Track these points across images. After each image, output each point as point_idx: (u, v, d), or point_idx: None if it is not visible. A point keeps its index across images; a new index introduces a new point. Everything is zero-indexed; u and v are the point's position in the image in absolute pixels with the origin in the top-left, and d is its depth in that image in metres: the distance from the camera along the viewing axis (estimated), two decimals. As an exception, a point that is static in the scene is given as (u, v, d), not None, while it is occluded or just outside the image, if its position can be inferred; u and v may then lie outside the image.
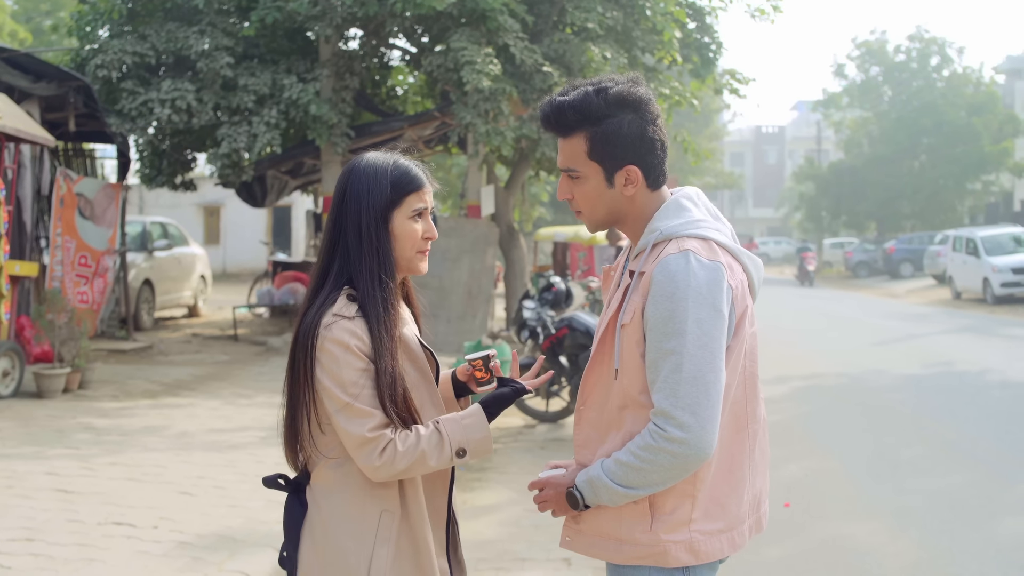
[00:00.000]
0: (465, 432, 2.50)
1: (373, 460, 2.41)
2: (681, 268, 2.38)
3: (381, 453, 2.41)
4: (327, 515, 2.51)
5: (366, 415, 2.41)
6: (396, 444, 2.41)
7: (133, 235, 17.39)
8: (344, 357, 2.41)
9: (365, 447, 2.41)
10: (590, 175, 2.53)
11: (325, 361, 2.43)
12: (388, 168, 2.57)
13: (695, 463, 2.36)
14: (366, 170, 2.56)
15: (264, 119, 13.60)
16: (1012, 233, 26.92)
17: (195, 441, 8.29)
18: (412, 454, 2.42)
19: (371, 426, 2.41)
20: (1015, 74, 52.05)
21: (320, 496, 2.53)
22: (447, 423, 2.50)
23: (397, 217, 2.55)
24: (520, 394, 2.66)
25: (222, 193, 27.38)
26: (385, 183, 2.54)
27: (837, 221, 52.01)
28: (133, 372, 12.09)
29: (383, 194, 2.53)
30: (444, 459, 2.47)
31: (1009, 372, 12.78)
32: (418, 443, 2.44)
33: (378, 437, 2.40)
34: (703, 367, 2.34)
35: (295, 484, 2.61)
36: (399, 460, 2.41)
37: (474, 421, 2.53)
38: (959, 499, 7.03)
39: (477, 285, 14.86)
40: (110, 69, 13.62)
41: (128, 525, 5.82)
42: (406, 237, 2.56)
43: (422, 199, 2.59)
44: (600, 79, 2.56)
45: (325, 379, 2.43)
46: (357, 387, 2.41)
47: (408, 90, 18.94)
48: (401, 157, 2.62)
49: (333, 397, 2.43)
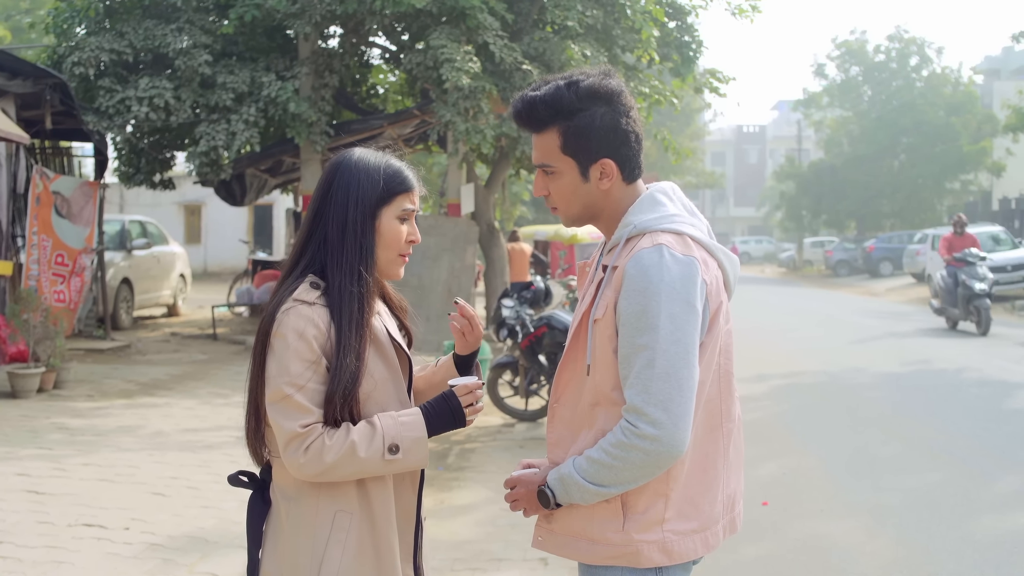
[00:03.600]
0: (400, 428, 2.39)
1: (298, 456, 2.30)
2: (654, 262, 2.34)
3: (307, 449, 2.30)
4: (284, 514, 2.45)
5: (302, 410, 2.32)
6: (324, 439, 2.31)
7: (112, 234, 17.26)
8: (296, 345, 2.32)
9: (292, 443, 2.32)
10: (565, 170, 2.50)
11: (276, 347, 2.35)
12: (382, 165, 2.52)
13: (667, 461, 2.32)
14: (358, 164, 2.50)
15: (243, 117, 13.53)
16: (991, 232, 27.04)
17: (169, 441, 8.21)
18: (340, 446, 2.31)
19: (304, 422, 2.32)
20: (993, 74, 52.49)
21: (279, 494, 2.47)
22: (383, 417, 2.40)
23: (385, 215, 2.50)
24: (461, 422, 2.51)
25: (203, 192, 27.22)
26: (378, 178, 2.49)
27: (817, 220, 52.19)
28: (109, 372, 11.99)
29: (375, 189, 2.47)
30: (375, 452, 2.34)
31: (986, 370, 12.81)
32: (347, 435, 2.33)
33: (307, 432, 2.31)
34: (676, 363, 2.31)
35: (260, 481, 2.55)
36: (326, 453, 2.30)
37: (412, 420, 2.42)
38: (937, 497, 7.03)
39: (457, 284, 14.81)
40: (87, 66, 13.53)
41: (99, 526, 5.75)
42: (391, 237, 2.51)
43: (411, 200, 2.54)
44: (571, 73, 2.54)
45: (272, 367, 2.35)
46: (302, 379, 2.32)
47: (388, 89, 18.88)
48: (393, 157, 2.58)
49: (273, 387, 2.34)
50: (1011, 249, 25.74)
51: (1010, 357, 13.84)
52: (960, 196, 45.87)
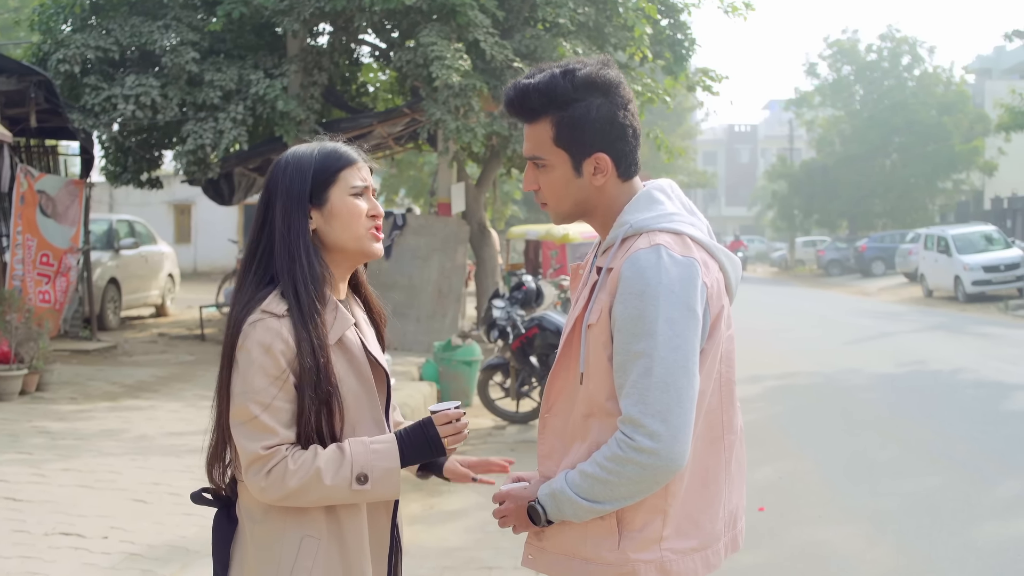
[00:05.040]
0: (371, 456, 2.23)
1: (259, 479, 2.16)
2: (652, 264, 2.20)
3: (268, 473, 2.16)
4: (249, 536, 2.30)
5: (266, 431, 2.17)
6: (288, 462, 2.16)
7: (99, 233, 17.05)
8: (261, 360, 2.18)
9: (254, 465, 2.17)
10: (556, 163, 2.36)
11: (241, 363, 2.20)
12: (312, 152, 2.38)
13: (666, 475, 2.19)
14: (289, 160, 2.38)
15: (231, 115, 13.35)
16: (983, 231, 27.00)
17: (153, 445, 8.02)
18: (305, 472, 2.16)
19: (268, 443, 2.17)
20: (984, 73, 52.55)
21: (244, 515, 2.32)
22: (354, 443, 2.24)
23: (335, 194, 2.35)
24: (439, 451, 2.35)
25: (192, 191, 26.97)
26: (308, 166, 2.35)
27: (809, 219, 52.16)
28: (94, 373, 11.79)
29: (304, 181, 2.34)
30: (342, 480, 2.18)
31: (983, 371, 12.70)
32: (314, 460, 2.18)
33: (270, 454, 2.17)
34: (675, 371, 2.17)
35: (225, 499, 2.40)
36: (289, 478, 2.15)
37: (384, 448, 2.26)
38: (936, 502, 6.89)
39: (447, 284, 14.65)
40: (72, 64, 13.33)
41: (76, 535, 5.57)
42: (349, 214, 2.35)
43: (359, 176, 2.38)
44: (568, 61, 2.39)
45: (236, 384, 2.21)
46: (267, 396, 2.18)
47: (378, 87, 18.70)
48: (328, 141, 2.43)
49: (237, 405, 2.20)
50: (1004, 248, 25.69)
51: (1006, 358, 13.73)
52: (952, 196, 45.88)
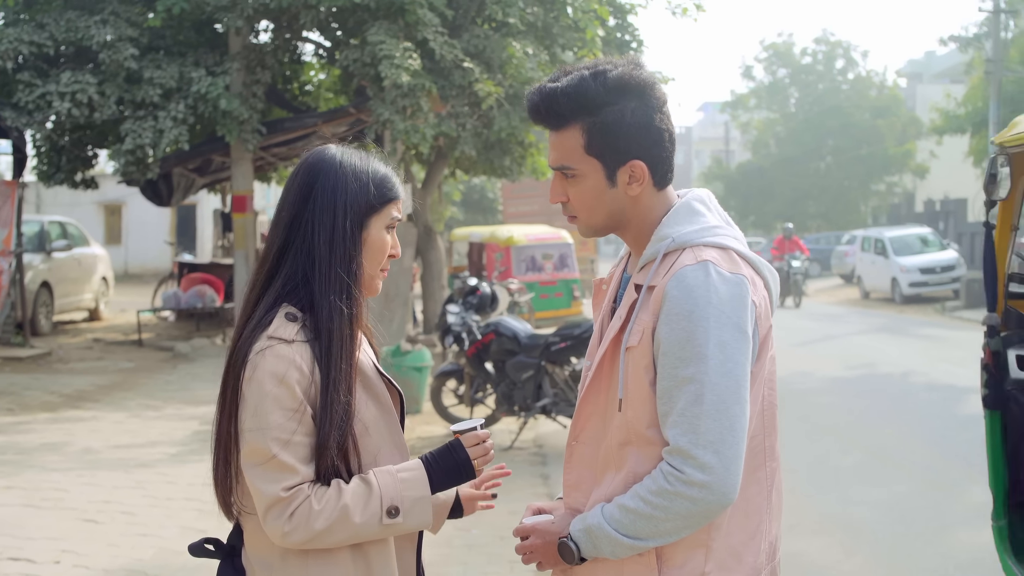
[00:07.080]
0: (400, 487, 2.04)
1: (281, 524, 1.94)
2: (700, 282, 2.03)
3: (291, 515, 1.94)
4: None
5: (286, 471, 1.95)
6: (311, 502, 1.95)
7: (30, 235, 16.47)
8: (276, 392, 1.95)
9: (273, 508, 1.95)
10: (588, 173, 2.16)
11: (250, 398, 1.97)
12: (369, 168, 2.15)
13: (717, 510, 2.02)
14: (344, 165, 2.12)
15: (171, 114, 12.97)
16: (919, 234, 27.30)
17: (100, 459, 7.68)
18: (331, 511, 1.96)
19: (288, 484, 1.95)
20: (916, 77, 53.43)
21: (256, 564, 2.08)
22: (380, 474, 2.04)
23: (374, 225, 2.14)
24: (469, 475, 2.23)
25: (124, 191, 26.30)
26: (367, 183, 2.12)
27: (745, 221, 52.56)
28: (30, 382, 11.34)
29: (365, 195, 2.11)
30: (371, 516, 2.00)
31: (932, 374, 12.75)
32: (339, 497, 1.98)
33: (291, 495, 1.95)
34: (727, 398, 2.00)
35: (228, 548, 2.15)
36: (315, 520, 1.94)
37: (413, 477, 2.07)
38: (907, 510, 6.82)
39: (395, 287, 14.38)
40: (5, 59, 12.87)
41: (26, 560, 5.25)
42: (379, 249, 2.16)
43: (398, 209, 2.21)
44: (597, 62, 2.19)
45: (247, 421, 1.97)
46: (286, 432, 1.95)
47: (320, 86, 18.37)
48: (375, 158, 2.21)
49: (252, 444, 1.96)
50: (940, 250, 25.99)
51: (954, 360, 13.81)
52: (885, 198, 46.59)
